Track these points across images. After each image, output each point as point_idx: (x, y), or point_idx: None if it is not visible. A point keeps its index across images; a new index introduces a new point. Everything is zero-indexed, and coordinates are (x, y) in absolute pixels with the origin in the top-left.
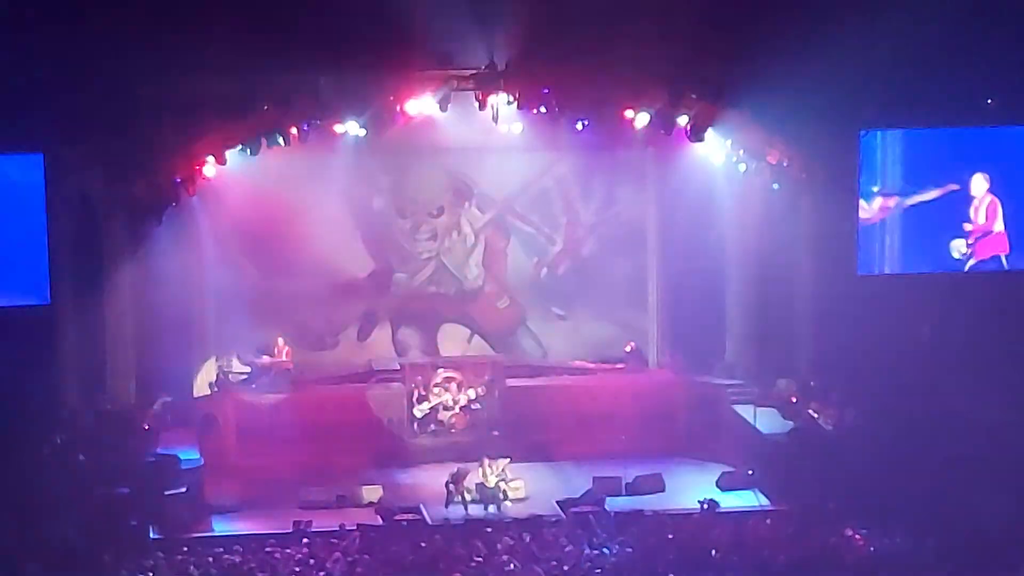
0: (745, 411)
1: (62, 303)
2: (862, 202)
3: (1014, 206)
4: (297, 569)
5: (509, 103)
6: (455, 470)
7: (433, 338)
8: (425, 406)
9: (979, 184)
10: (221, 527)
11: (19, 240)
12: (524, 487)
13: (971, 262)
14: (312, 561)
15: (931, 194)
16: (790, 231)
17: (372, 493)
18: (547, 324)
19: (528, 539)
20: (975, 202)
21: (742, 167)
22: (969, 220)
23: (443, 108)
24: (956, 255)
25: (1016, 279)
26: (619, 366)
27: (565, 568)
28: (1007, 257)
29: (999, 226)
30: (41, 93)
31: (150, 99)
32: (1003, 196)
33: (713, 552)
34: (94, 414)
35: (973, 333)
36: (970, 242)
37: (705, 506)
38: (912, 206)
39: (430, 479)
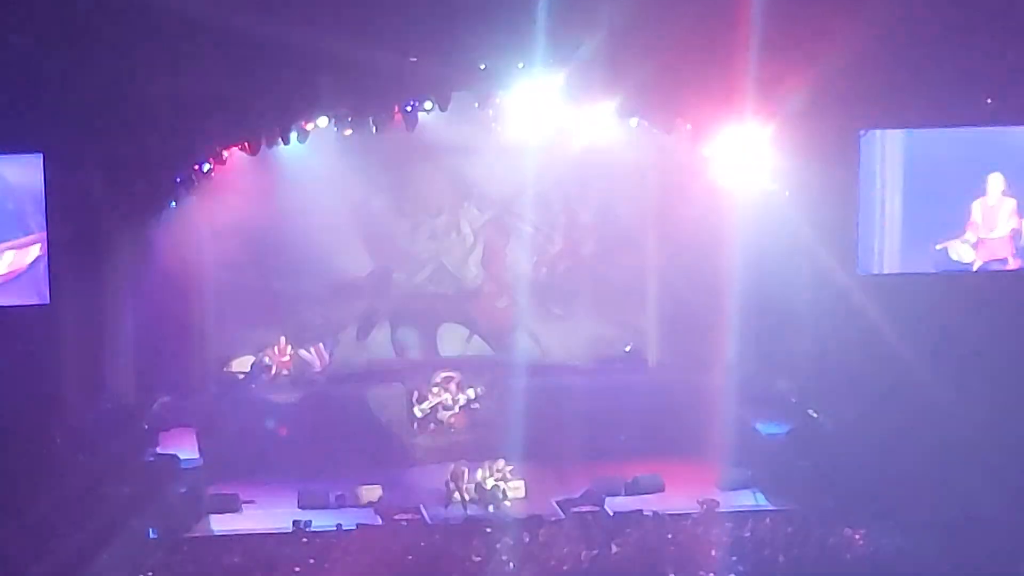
0: (744, 411)
1: (61, 303)
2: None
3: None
4: (296, 569)
5: (509, 103)
6: (452, 467)
7: (432, 338)
8: (424, 406)
9: (996, 184)
10: (220, 527)
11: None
12: (523, 487)
13: (977, 264)
14: (311, 561)
15: None
16: (790, 231)
17: (371, 493)
18: (546, 324)
19: (527, 539)
20: (987, 200)
21: (741, 167)
22: (970, 224)
23: (443, 107)
24: (954, 257)
25: (1014, 279)
26: (618, 366)
27: (564, 568)
28: (1012, 258)
29: (1016, 225)
30: (41, 92)
31: (150, 98)
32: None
33: (712, 552)
34: (94, 414)
35: (975, 333)
36: (973, 242)
37: (704, 506)
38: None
39: (429, 479)
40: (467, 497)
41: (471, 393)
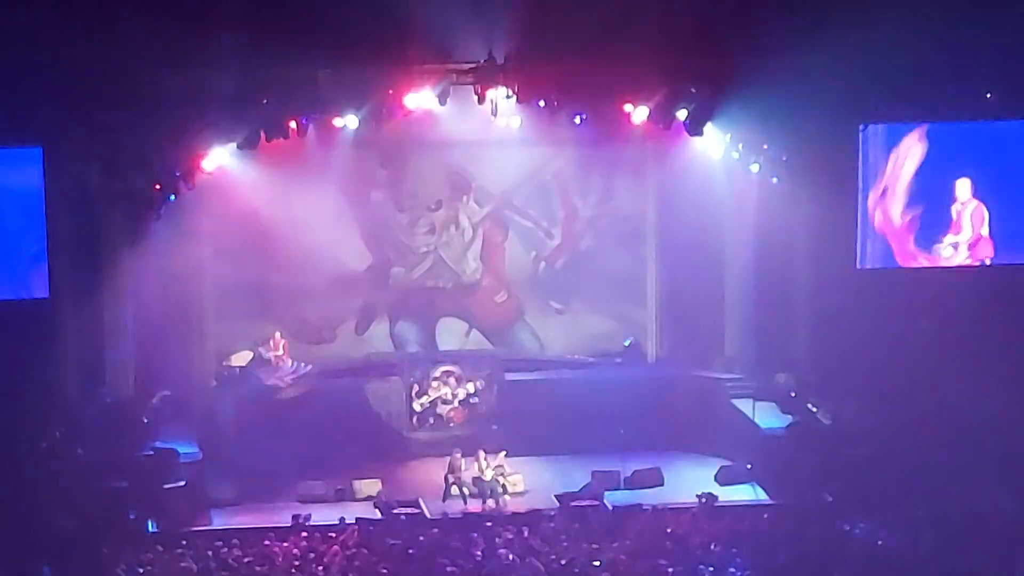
0: (744, 405)
1: (61, 297)
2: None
3: (1004, 208)
4: (296, 563)
5: (508, 97)
6: (451, 458)
7: (431, 332)
8: (424, 400)
9: (963, 188)
10: (220, 520)
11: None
12: (523, 481)
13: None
14: (311, 555)
15: None
16: (789, 225)
17: (371, 487)
18: (545, 318)
19: (527, 533)
20: (957, 206)
21: (741, 161)
22: (951, 226)
23: (442, 102)
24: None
25: (1012, 273)
26: (618, 360)
27: (564, 562)
28: (992, 260)
29: (984, 231)
30: (40, 86)
31: (149, 92)
32: (988, 199)
33: (712, 546)
34: (93, 408)
35: (971, 327)
36: (954, 244)
37: (703, 500)
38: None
39: (429, 473)
40: (466, 491)
41: (470, 387)
